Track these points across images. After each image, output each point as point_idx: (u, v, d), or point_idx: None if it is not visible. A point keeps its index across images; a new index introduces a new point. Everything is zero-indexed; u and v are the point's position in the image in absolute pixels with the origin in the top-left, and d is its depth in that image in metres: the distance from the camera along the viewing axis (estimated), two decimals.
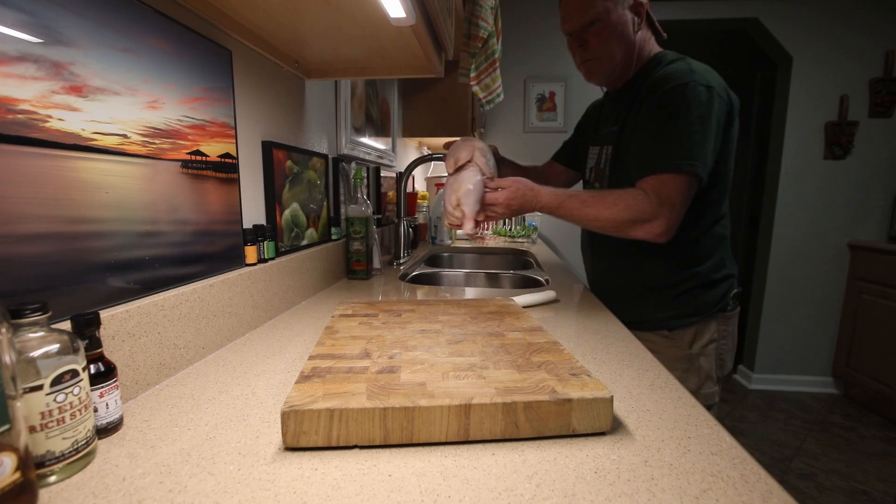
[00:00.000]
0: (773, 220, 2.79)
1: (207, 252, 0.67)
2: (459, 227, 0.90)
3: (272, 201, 0.87)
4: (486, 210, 0.91)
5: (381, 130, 1.69)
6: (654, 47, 1.00)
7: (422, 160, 1.45)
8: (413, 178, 2.27)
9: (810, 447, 2.21)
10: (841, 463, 2.07)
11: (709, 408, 0.98)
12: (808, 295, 2.82)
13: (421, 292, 1.13)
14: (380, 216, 1.58)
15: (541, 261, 1.63)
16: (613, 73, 0.99)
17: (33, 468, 0.33)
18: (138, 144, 0.54)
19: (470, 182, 0.89)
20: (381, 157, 1.66)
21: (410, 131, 2.05)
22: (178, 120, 0.60)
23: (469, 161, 0.95)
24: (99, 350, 0.42)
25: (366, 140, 1.49)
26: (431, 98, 2.00)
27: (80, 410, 0.37)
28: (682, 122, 0.84)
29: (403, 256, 1.50)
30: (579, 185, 1.24)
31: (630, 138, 0.95)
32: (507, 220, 2.34)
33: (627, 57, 0.97)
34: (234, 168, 0.73)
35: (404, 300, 0.93)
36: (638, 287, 1.03)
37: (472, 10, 1.37)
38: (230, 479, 0.37)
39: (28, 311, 0.34)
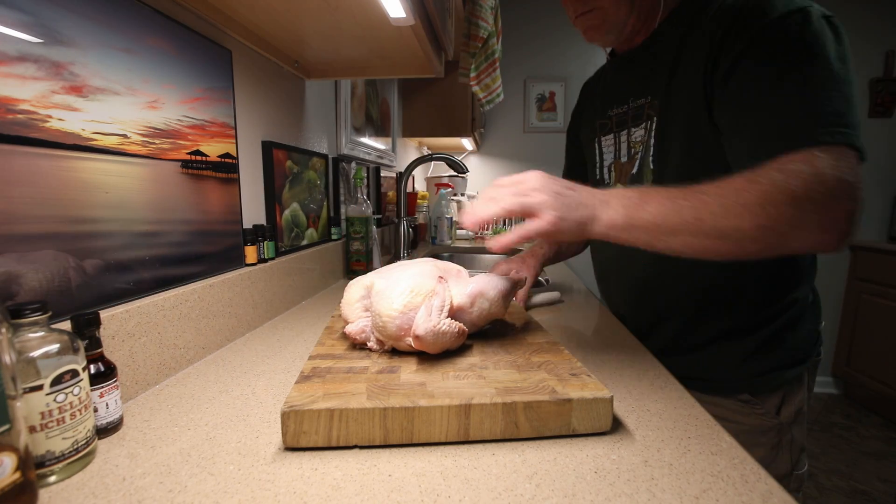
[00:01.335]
0: None
1: (207, 252, 0.67)
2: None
3: (272, 201, 0.87)
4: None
5: (381, 130, 1.69)
6: None
7: (422, 160, 1.45)
8: (413, 178, 2.28)
9: (810, 447, 2.21)
10: (841, 463, 2.07)
11: (797, 490, 0.72)
12: None
13: None
14: (380, 216, 1.58)
15: None
16: (624, 25, 0.69)
17: (33, 468, 0.33)
18: (138, 144, 0.54)
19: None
20: (381, 157, 1.66)
21: (410, 131, 2.05)
22: (178, 120, 0.60)
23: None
24: (99, 350, 0.42)
25: (366, 140, 1.49)
26: (431, 98, 2.00)
27: (80, 410, 0.37)
28: (822, 70, 0.52)
29: (403, 256, 1.50)
30: None
31: (687, 105, 0.63)
32: (506, 220, 2.34)
33: None
34: (234, 168, 0.73)
35: None
36: (708, 331, 0.71)
37: (472, 10, 1.37)
38: (230, 479, 0.37)
39: (28, 311, 0.34)
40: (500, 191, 0.53)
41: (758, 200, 0.47)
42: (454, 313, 0.54)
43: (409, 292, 0.52)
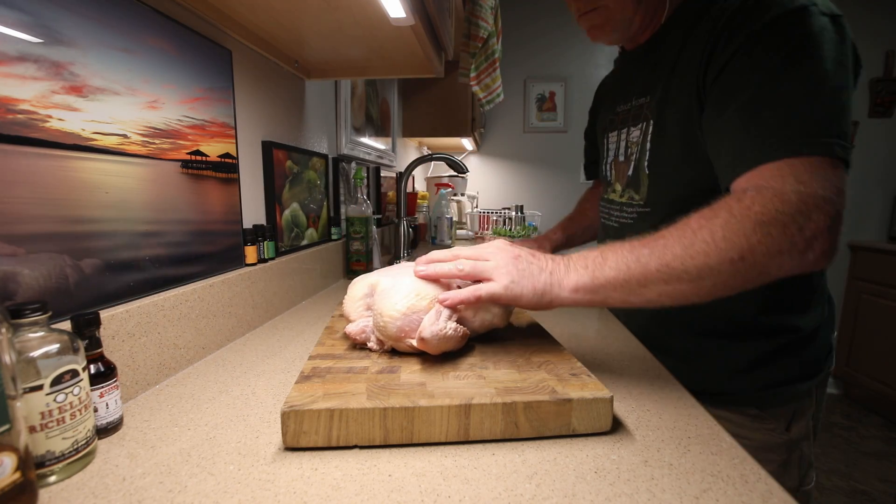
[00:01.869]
0: None
1: (207, 252, 0.67)
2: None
3: (272, 201, 0.87)
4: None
5: (381, 130, 1.69)
6: None
7: (422, 160, 1.45)
8: (413, 178, 2.28)
9: None
10: (841, 463, 2.07)
11: None
12: None
13: None
14: (380, 216, 1.58)
15: None
16: (630, 23, 0.67)
17: (33, 468, 0.33)
18: (138, 144, 0.54)
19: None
20: (381, 157, 1.66)
21: (410, 131, 2.05)
22: (178, 120, 0.60)
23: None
24: (99, 350, 0.42)
25: (366, 140, 1.49)
26: (431, 98, 2.00)
27: (80, 410, 0.37)
28: (813, 73, 0.48)
29: (403, 256, 1.50)
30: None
31: (684, 108, 0.60)
32: (506, 220, 2.35)
33: None
34: (234, 168, 0.73)
35: None
36: (706, 333, 0.67)
37: (472, 10, 1.37)
38: (230, 479, 0.37)
39: (28, 311, 0.34)
40: (464, 252, 0.55)
41: (720, 234, 0.45)
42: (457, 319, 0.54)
43: (415, 296, 0.52)
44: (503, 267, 0.51)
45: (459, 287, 0.55)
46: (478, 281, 0.52)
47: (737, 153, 0.52)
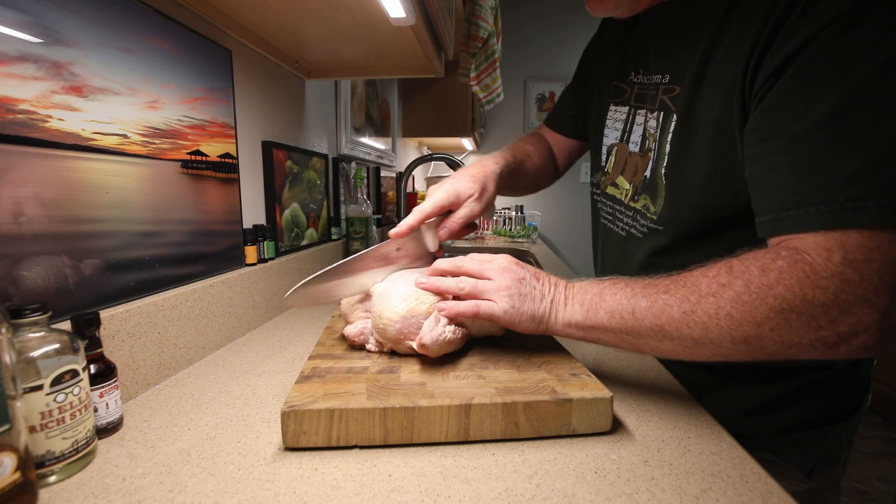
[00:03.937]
0: None
1: (207, 252, 0.67)
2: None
3: (272, 201, 0.87)
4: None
5: (381, 130, 1.69)
6: None
7: (422, 160, 1.45)
8: (413, 178, 2.28)
9: None
10: None
11: None
12: None
13: None
14: (380, 216, 1.58)
15: (541, 261, 1.63)
16: None
17: (33, 468, 0.33)
18: (138, 144, 0.54)
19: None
20: (381, 157, 1.66)
21: (410, 131, 2.05)
22: (178, 120, 0.60)
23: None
24: (99, 350, 0.42)
25: (366, 140, 1.49)
26: (431, 98, 2.00)
27: (80, 410, 0.37)
28: (882, 104, 0.37)
29: None
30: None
31: (721, 106, 0.47)
32: (506, 221, 2.35)
33: None
34: (234, 168, 0.73)
35: None
36: (716, 369, 0.57)
37: (472, 10, 1.38)
38: (230, 479, 0.37)
39: (28, 311, 0.34)
40: (467, 264, 0.52)
41: (727, 310, 0.38)
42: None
43: (415, 300, 0.52)
44: (505, 290, 0.48)
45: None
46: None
47: (781, 203, 0.41)
